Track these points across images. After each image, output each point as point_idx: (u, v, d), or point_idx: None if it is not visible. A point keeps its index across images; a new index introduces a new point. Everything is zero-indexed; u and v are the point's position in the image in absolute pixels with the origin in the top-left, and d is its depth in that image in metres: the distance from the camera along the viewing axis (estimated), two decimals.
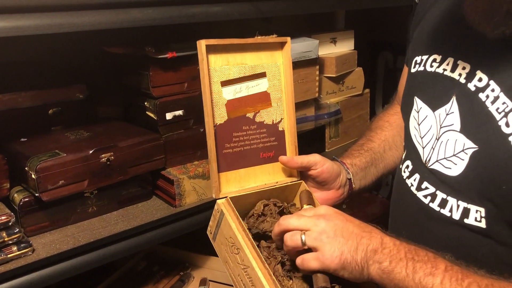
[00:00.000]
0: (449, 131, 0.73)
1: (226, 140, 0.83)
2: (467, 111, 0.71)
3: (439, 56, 0.77)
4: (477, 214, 0.71)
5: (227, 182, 0.84)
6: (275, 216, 0.82)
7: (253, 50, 0.85)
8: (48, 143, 1.04)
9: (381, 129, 1.04)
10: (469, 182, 0.71)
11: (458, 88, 0.72)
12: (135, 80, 1.15)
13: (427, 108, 0.79)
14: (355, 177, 0.94)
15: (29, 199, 0.98)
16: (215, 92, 0.82)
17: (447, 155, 0.74)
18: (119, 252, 1.01)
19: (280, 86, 0.88)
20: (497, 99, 0.66)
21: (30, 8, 0.81)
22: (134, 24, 0.93)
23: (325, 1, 1.22)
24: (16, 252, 0.91)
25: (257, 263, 0.71)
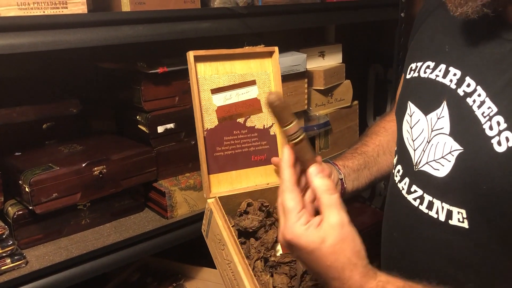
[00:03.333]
0: (439, 134, 0.76)
1: (217, 144, 0.87)
2: (456, 115, 0.74)
3: (432, 63, 0.80)
4: (459, 216, 0.73)
5: (218, 183, 0.87)
6: (258, 214, 0.86)
7: (242, 59, 0.89)
8: (42, 157, 1.07)
9: (376, 135, 1.06)
10: (453, 182, 0.73)
11: (449, 93, 0.75)
12: (127, 95, 1.17)
13: (420, 112, 0.81)
14: (347, 178, 0.96)
15: (23, 212, 1.00)
16: (205, 99, 0.86)
17: (436, 157, 0.76)
18: (112, 263, 1.03)
19: None
20: (483, 103, 0.69)
21: (25, 26, 0.83)
22: (126, 40, 0.96)
23: (311, 16, 1.26)
24: (10, 265, 0.92)
25: (237, 258, 0.75)
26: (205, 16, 1.08)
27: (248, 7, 1.12)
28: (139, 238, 1.06)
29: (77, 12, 0.90)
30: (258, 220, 0.86)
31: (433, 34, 0.83)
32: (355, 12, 1.38)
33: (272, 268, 0.81)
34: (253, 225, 0.85)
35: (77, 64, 1.24)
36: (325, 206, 0.64)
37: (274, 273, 0.81)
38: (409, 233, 0.83)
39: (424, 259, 0.80)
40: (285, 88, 1.29)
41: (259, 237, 0.86)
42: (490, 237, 0.71)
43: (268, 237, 0.86)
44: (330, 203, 0.64)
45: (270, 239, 0.86)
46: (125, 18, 0.96)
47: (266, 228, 0.88)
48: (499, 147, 0.65)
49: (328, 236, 0.62)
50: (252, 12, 1.13)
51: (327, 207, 0.64)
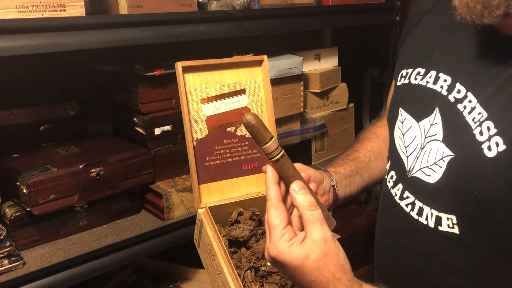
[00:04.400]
0: (433, 140, 0.77)
1: (207, 153, 0.86)
2: (448, 121, 0.74)
3: (423, 69, 0.81)
4: (449, 222, 0.74)
5: (209, 193, 0.87)
6: (249, 223, 0.86)
7: (231, 68, 0.89)
8: (40, 159, 1.07)
9: (367, 141, 1.07)
10: (444, 188, 0.74)
11: (441, 100, 0.76)
12: (124, 97, 1.18)
13: (411, 119, 0.82)
14: (339, 184, 0.97)
15: (20, 213, 1.00)
16: (195, 109, 0.86)
17: (429, 163, 0.77)
18: (109, 264, 1.04)
19: (260, 101, 0.92)
20: (473, 109, 0.70)
21: (23, 29, 0.84)
22: (123, 43, 0.96)
23: (307, 20, 1.27)
24: (7, 266, 0.93)
25: (227, 269, 0.75)
26: (202, 19, 1.09)
27: (244, 11, 1.13)
28: (136, 240, 1.07)
29: (75, 15, 0.91)
30: (249, 230, 0.86)
31: (423, 41, 0.84)
32: (350, 15, 1.40)
33: (262, 278, 0.81)
34: (244, 235, 0.85)
35: (74, 66, 1.25)
36: (307, 222, 0.65)
37: (264, 282, 0.81)
38: (401, 239, 0.84)
39: (417, 265, 0.81)
40: (281, 90, 1.30)
41: (250, 246, 0.87)
42: (481, 241, 0.72)
43: (259, 246, 0.86)
44: (313, 219, 0.65)
45: (260, 249, 0.86)
46: (122, 21, 0.97)
47: (257, 238, 0.88)
48: (489, 152, 0.67)
49: (311, 252, 0.63)
50: (248, 16, 1.14)
51: (310, 223, 0.65)
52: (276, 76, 1.25)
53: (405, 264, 0.83)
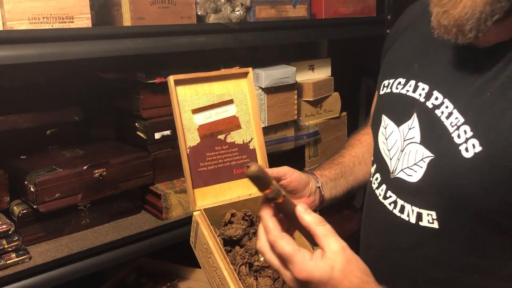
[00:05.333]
0: (411, 143, 0.83)
1: (200, 160, 0.93)
2: (425, 126, 0.81)
3: (403, 79, 0.88)
4: (429, 217, 0.80)
5: (203, 197, 0.93)
6: (242, 223, 0.92)
7: (219, 80, 0.95)
8: (46, 160, 1.14)
9: (352, 147, 1.14)
10: (425, 186, 0.80)
11: (419, 106, 0.82)
12: (126, 103, 1.25)
13: (393, 124, 0.89)
14: (325, 186, 1.03)
15: (27, 211, 1.07)
16: (187, 119, 0.92)
17: (410, 164, 0.83)
18: (110, 260, 1.10)
19: (247, 110, 0.98)
20: (451, 114, 0.76)
21: (35, 38, 0.91)
22: (127, 53, 1.04)
23: (300, 32, 1.34)
24: (15, 259, 0.99)
25: (223, 264, 0.81)
26: (200, 31, 1.16)
27: (240, 23, 1.21)
28: (135, 237, 1.13)
29: (82, 26, 0.98)
30: (242, 229, 0.91)
31: (403, 54, 0.91)
32: (342, 28, 1.47)
33: (256, 272, 0.86)
34: (237, 234, 0.89)
35: (80, 74, 1.32)
36: (322, 236, 0.66)
37: (258, 276, 0.86)
38: (384, 235, 0.89)
39: (399, 259, 0.86)
40: (275, 99, 1.37)
41: (244, 244, 0.91)
42: (459, 235, 0.78)
43: (252, 243, 0.91)
44: (326, 232, 0.67)
45: (253, 246, 0.90)
46: (126, 32, 1.04)
47: (250, 236, 0.92)
48: (466, 153, 0.72)
49: (335, 263, 0.65)
50: (244, 28, 1.21)
51: (324, 236, 0.66)
52: (271, 85, 1.32)
53: (388, 258, 0.89)
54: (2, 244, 0.97)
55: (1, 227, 0.97)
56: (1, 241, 0.97)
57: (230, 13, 1.20)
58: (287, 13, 1.31)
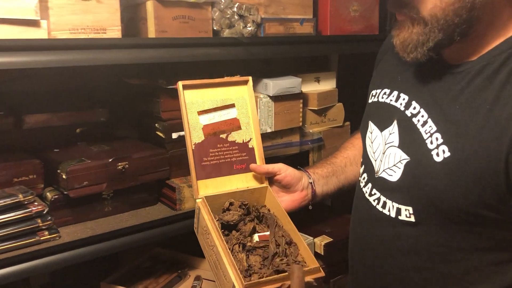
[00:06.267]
0: (391, 146, 0.94)
1: (204, 155, 1.05)
2: (403, 132, 0.92)
3: (388, 90, 0.99)
4: (406, 212, 0.90)
5: (206, 187, 1.05)
6: (238, 210, 1.03)
7: (223, 86, 1.09)
8: (76, 153, 1.29)
9: (345, 149, 1.26)
10: (403, 185, 0.91)
11: (399, 114, 0.93)
12: (148, 106, 1.40)
13: (377, 130, 1.00)
14: (317, 183, 1.15)
15: (59, 196, 1.22)
16: (193, 119, 1.05)
17: (390, 165, 0.94)
18: (128, 243, 1.23)
19: (247, 113, 1.11)
20: (425, 123, 0.87)
21: (73, 46, 1.07)
22: (150, 61, 1.19)
23: (306, 47, 1.49)
24: (47, 236, 1.14)
25: (218, 241, 0.93)
26: (215, 44, 1.31)
27: (252, 38, 1.36)
28: (152, 224, 1.27)
29: (113, 37, 1.14)
30: (238, 215, 1.01)
31: (389, 68, 1.03)
32: (346, 44, 1.60)
33: (248, 252, 0.96)
34: (234, 219, 1.01)
35: (107, 79, 1.48)
36: None
37: (249, 255, 0.95)
38: (368, 228, 1.00)
39: (380, 249, 0.97)
40: (282, 106, 1.51)
41: (239, 229, 1.01)
42: (432, 227, 0.88)
43: (246, 227, 1.01)
44: None
45: (247, 229, 1.01)
46: (151, 43, 1.20)
47: (245, 222, 1.03)
48: (437, 158, 0.83)
49: None
50: (255, 42, 1.36)
51: None
52: (278, 94, 1.46)
53: (371, 248, 0.99)
54: (37, 223, 1.12)
55: (37, 207, 1.12)
56: (37, 219, 1.12)
57: (243, 28, 1.35)
58: (294, 29, 1.46)
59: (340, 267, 1.61)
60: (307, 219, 1.62)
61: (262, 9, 1.39)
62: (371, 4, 1.67)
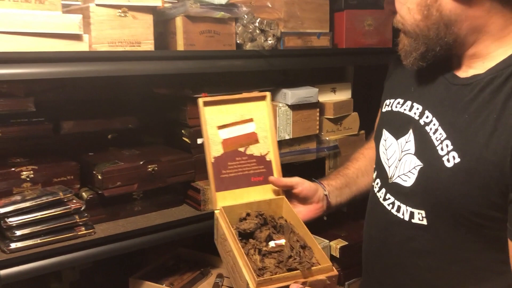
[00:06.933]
0: (407, 154, 0.99)
1: (223, 168, 1.09)
2: (418, 139, 0.97)
3: (402, 99, 1.05)
4: (419, 215, 0.96)
5: (224, 199, 1.08)
6: (254, 219, 1.06)
7: (242, 102, 1.13)
8: (109, 156, 1.40)
9: (356, 160, 1.31)
10: (416, 190, 0.96)
11: (414, 123, 0.99)
12: (175, 114, 1.51)
13: (392, 137, 1.05)
14: (331, 194, 1.21)
15: (94, 196, 1.32)
16: (213, 134, 1.09)
17: (405, 171, 0.99)
18: (156, 240, 1.33)
19: (265, 127, 1.13)
20: (436, 131, 0.93)
21: (112, 58, 1.18)
22: (179, 71, 1.29)
23: (323, 59, 1.58)
24: (84, 231, 1.24)
25: (234, 245, 0.97)
26: (239, 56, 1.41)
27: (272, 50, 1.46)
28: (178, 223, 1.36)
29: (147, 49, 1.25)
30: (255, 223, 1.04)
31: (402, 79, 1.09)
32: (361, 57, 1.69)
33: (263, 256, 0.98)
34: (250, 227, 1.03)
35: (137, 89, 1.59)
36: None
37: (264, 258, 0.98)
38: (383, 231, 1.05)
39: (395, 251, 1.03)
40: (299, 115, 1.60)
41: (256, 236, 1.03)
42: (444, 230, 0.93)
43: (262, 234, 1.03)
44: None
45: (263, 236, 1.03)
46: (180, 55, 1.31)
47: (261, 230, 1.05)
48: (448, 163, 0.89)
49: None
50: (275, 54, 1.46)
51: None
52: (296, 103, 1.56)
53: (386, 250, 1.05)
54: (75, 218, 1.22)
55: (75, 204, 1.22)
56: (75, 216, 1.22)
57: (264, 42, 1.45)
58: (312, 42, 1.56)
59: (355, 270, 1.67)
60: (324, 224, 1.69)
61: (282, 24, 1.49)
62: (384, 19, 1.76)
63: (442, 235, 0.94)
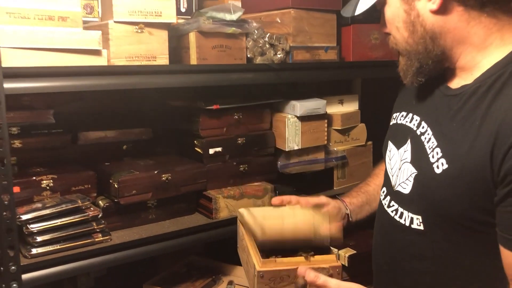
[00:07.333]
0: (405, 162, 1.05)
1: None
2: (414, 148, 1.02)
3: (405, 112, 1.10)
4: (417, 221, 1.00)
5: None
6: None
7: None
8: (125, 166, 1.45)
9: (376, 176, 1.36)
10: (413, 196, 1.01)
11: (412, 133, 1.04)
12: (188, 125, 1.56)
13: (394, 148, 1.10)
14: (352, 212, 1.27)
15: (109, 204, 1.37)
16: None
17: (404, 179, 1.04)
18: (170, 247, 1.38)
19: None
20: (430, 140, 0.98)
21: (129, 72, 1.24)
22: (193, 84, 1.35)
23: (330, 72, 1.63)
24: (101, 238, 1.29)
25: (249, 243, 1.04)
26: (249, 69, 1.47)
27: (281, 64, 1.51)
28: (191, 230, 1.41)
29: (162, 64, 1.31)
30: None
31: (407, 93, 1.14)
32: (367, 70, 1.74)
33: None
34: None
35: (150, 101, 1.65)
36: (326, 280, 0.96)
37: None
38: (387, 236, 1.10)
39: (397, 255, 1.07)
40: (308, 126, 1.65)
41: None
42: (439, 235, 0.97)
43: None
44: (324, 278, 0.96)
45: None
46: (193, 69, 1.37)
47: None
48: (437, 170, 0.93)
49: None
50: (284, 67, 1.51)
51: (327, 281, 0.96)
52: (305, 114, 1.60)
53: (390, 254, 1.09)
54: (92, 225, 1.27)
55: (93, 212, 1.27)
56: (92, 223, 1.28)
57: (273, 56, 1.51)
58: (320, 56, 1.61)
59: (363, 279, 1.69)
60: None
61: (291, 38, 1.55)
62: None
63: (438, 240, 0.98)
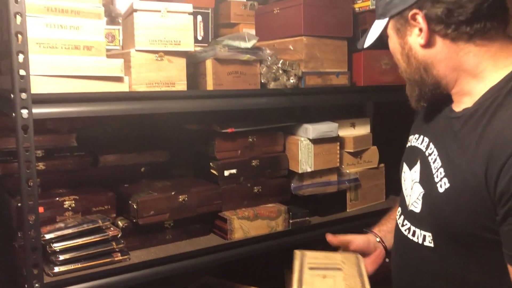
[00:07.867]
0: (415, 183, 1.08)
1: None
2: (422, 169, 1.06)
3: (418, 135, 1.15)
4: (428, 238, 1.03)
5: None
6: None
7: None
8: (143, 187, 1.50)
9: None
10: (423, 215, 1.04)
11: (421, 154, 1.08)
12: (204, 148, 1.61)
13: (407, 169, 1.14)
14: (385, 239, 1.29)
15: (128, 224, 1.42)
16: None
17: (415, 198, 1.08)
18: (186, 266, 1.41)
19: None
20: (435, 160, 1.02)
21: (149, 97, 1.31)
22: (209, 109, 1.41)
23: (341, 96, 1.68)
24: (120, 257, 1.33)
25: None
26: (263, 94, 1.53)
27: (294, 89, 1.57)
28: (207, 251, 1.44)
29: (180, 89, 1.37)
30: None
31: (421, 117, 1.18)
32: (378, 94, 1.79)
33: None
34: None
35: (167, 125, 1.71)
36: None
37: None
38: (402, 255, 1.13)
39: (410, 272, 1.10)
40: (321, 148, 1.69)
41: None
42: (449, 251, 1.00)
43: None
44: None
45: None
46: (210, 94, 1.43)
47: None
48: (440, 189, 0.97)
49: None
50: (296, 92, 1.57)
51: None
52: (317, 137, 1.65)
53: (405, 272, 1.12)
54: (112, 245, 1.32)
55: (113, 232, 1.32)
56: (112, 242, 1.32)
57: (286, 81, 1.57)
58: (331, 81, 1.66)
59: None
60: None
61: (303, 64, 1.61)
62: None
63: (447, 257, 1.00)
